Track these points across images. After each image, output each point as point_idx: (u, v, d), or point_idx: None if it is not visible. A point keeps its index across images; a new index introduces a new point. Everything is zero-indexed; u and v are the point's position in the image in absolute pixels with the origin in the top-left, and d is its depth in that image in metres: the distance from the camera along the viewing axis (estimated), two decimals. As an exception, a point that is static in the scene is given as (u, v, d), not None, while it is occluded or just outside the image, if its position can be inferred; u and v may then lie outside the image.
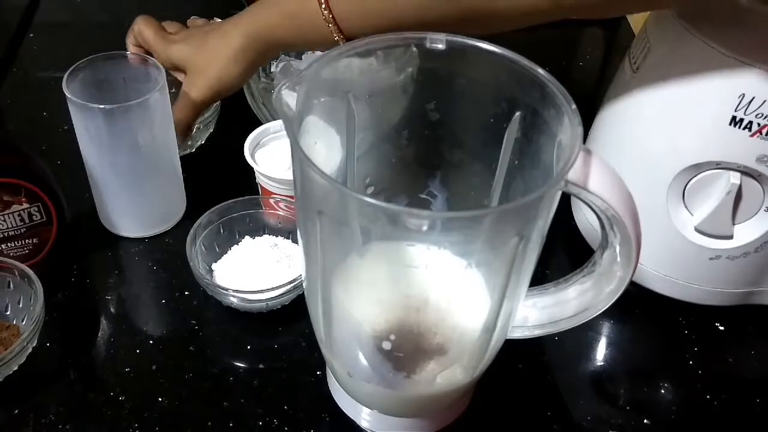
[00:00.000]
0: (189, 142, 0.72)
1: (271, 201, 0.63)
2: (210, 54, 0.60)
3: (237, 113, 0.75)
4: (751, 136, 0.50)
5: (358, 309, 0.45)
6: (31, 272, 0.55)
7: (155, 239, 0.65)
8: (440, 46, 0.42)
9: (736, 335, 0.60)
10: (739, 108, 0.49)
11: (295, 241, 0.62)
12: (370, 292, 0.45)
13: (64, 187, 0.60)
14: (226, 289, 0.57)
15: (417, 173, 0.49)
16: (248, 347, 0.57)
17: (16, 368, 0.54)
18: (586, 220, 0.63)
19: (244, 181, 0.68)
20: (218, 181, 0.71)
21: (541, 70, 0.41)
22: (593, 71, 0.90)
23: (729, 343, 0.60)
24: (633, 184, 0.41)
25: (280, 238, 0.62)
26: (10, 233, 0.57)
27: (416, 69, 0.46)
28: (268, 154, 0.65)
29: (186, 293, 0.61)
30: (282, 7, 0.55)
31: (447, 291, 0.43)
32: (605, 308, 0.46)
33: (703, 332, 0.60)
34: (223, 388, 0.55)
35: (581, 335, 0.59)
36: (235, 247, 0.61)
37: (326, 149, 0.46)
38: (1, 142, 0.56)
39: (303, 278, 0.47)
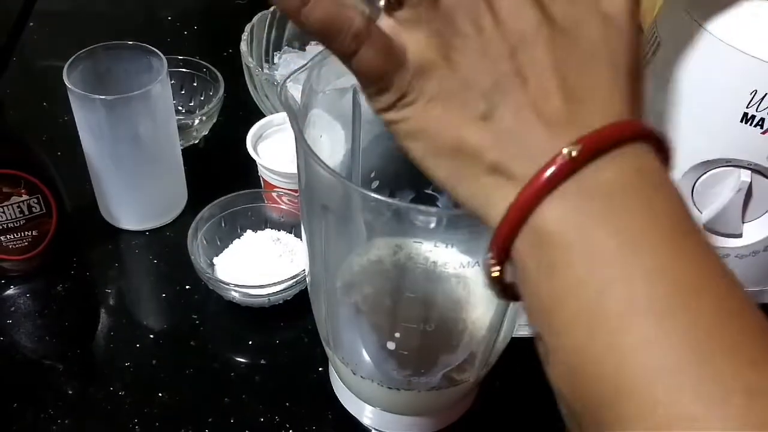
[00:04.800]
0: (194, 133, 0.71)
1: (274, 194, 0.62)
2: None
3: (239, 105, 0.75)
4: (763, 133, 0.49)
5: (363, 306, 0.44)
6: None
7: (156, 232, 0.65)
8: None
9: (744, 334, 0.59)
10: (751, 105, 0.48)
11: (297, 235, 0.61)
12: (375, 289, 0.44)
13: (64, 179, 0.59)
14: (228, 284, 0.56)
15: (423, 168, 0.48)
16: (250, 342, 0.57)
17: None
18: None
19: (247, 174, 0.67)
20: (220, 173, 0.70)
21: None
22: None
23: (736, 343, 0.59)
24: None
25: (282, 233, 0.61)
26: (9, 225, 0.57)
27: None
28: (271, 147, 0.64)
29: (187, 287, 0.60)
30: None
31: (453, 289, 0.43)
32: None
33: (710, 331, 0.59)
34: (224, 383, 0.54)
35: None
36: (236, 241, 0.61)
37: (331, 143, 0.45)
38: (1, 132, 0.55)
39: (307, 274, 0.46)
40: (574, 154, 0.26)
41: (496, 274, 0.28)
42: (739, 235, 0.54)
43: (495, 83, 0.27)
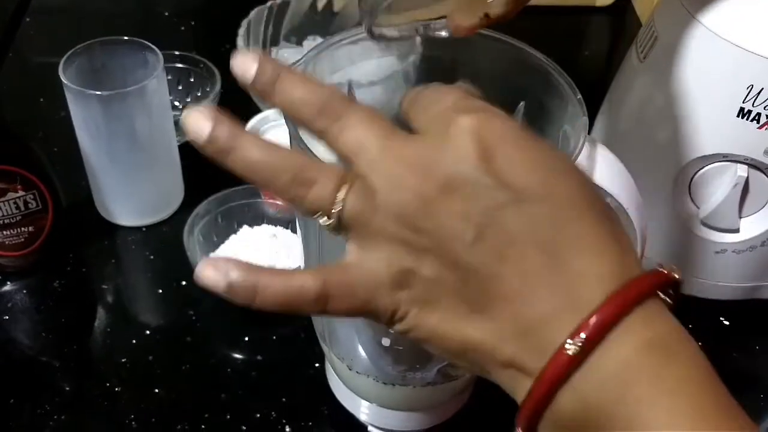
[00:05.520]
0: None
1: (271, 190, 0.62)
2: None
3: (236, 101, 0.74)
4: (759, 128, 0.49)
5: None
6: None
7: (152, 228, 0.64)
8: (444, 34, 0.41)
9: (742, 330, 0.59)
10: (747, 99, 0.48)
11: (294, 231, 0.61)
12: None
13: (60, 175, 0.59)
14: (224, 280, 0.56)
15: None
16: (246, 339, 0.57)
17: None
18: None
19: (243, 169, 0.67)
20: (217, 169, 0.69)
21: (546, 59, 0.40)
22: (599, 60, 0.89)
23: (734, 338, 0.59)
24: (638, 176, 0.41)
25: (279, 228, 0.61)
26: (5, 221, 0.57)
27: (419, 57, 0.45)
28: (268, 143, 0.64)
29: (183, 283, 0.60)
30: None
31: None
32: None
33: (708, 327, 0.59)
34: (221, 379, 0.54)
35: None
36: (233, 237, 0.61)
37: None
38: (-3, 128, 0.55)
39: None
40: (576, 349, 0.25)
41: None
42: (737, 231, 0.54)
43: (471, 274, 0.26)
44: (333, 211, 0.27)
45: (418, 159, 0.27)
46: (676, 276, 0.26)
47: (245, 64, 0.29)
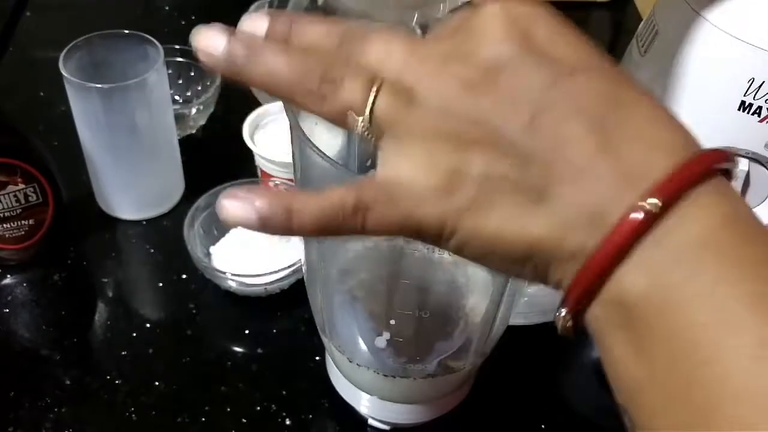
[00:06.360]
0: (191, 123, 0.71)
1: (271, 184, 0.62)
2: None
3: (236, 95, 0.74)
4: (760, 121, 0.49)
5: (358, 294, 0.44)
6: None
7: (153, 222, 0.64)
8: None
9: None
10: (748, 93, 0.48)
11: (294, 224, 0.61)
12: (371, 277, 0.44)
13: (60, 168, 0.59)
14: (224, 273, 0.56)
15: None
16: (246, 332, 0.57)
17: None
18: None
19: (243, 163, 0.67)
20: (217, 163, 0.70)
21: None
22: (599, 55, 0.89)
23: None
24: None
25: (279, 222, 0.61)
26: (5, 214, 0.57)
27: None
28: (268, 136, 0.64)
29: (183, 277, 0.60)
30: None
31: (451, 275, 0.43)
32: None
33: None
34: (221, 372, 0.54)
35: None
36: (233, 231, 0.61)
37: (327, 132, 0.45)
38: (-3, 121, 0.55)
39: (303, 263, 0.46)
40: (649, 209, 0.22)
41: (570, 326, 0.25)
42: (737, 225, 0.54)
43: (528, 159, 0.23)
44: (366, 107, 0.24)
45: (451, 52, 0.24)
46: (734, 160, 0.24)
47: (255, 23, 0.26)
